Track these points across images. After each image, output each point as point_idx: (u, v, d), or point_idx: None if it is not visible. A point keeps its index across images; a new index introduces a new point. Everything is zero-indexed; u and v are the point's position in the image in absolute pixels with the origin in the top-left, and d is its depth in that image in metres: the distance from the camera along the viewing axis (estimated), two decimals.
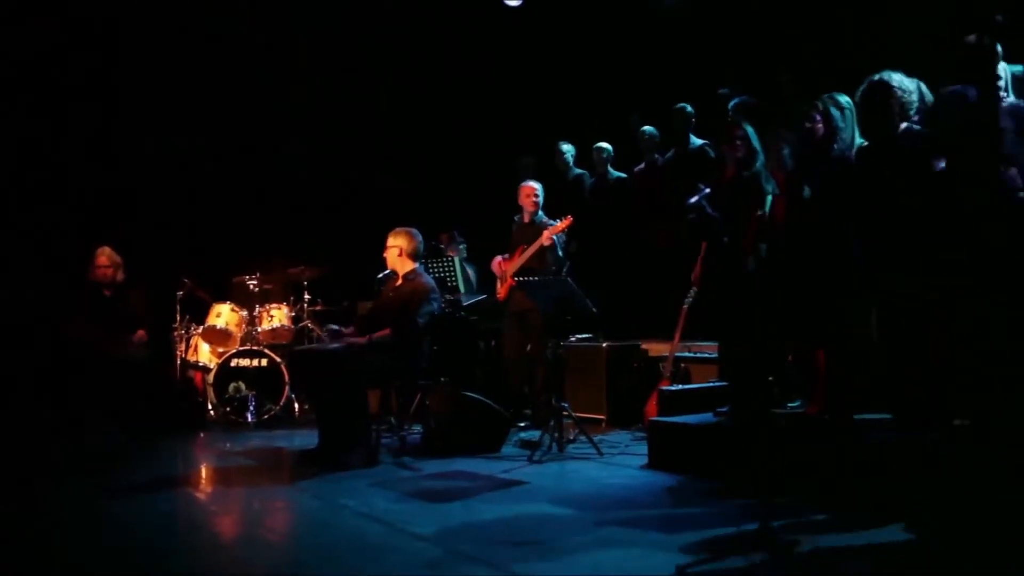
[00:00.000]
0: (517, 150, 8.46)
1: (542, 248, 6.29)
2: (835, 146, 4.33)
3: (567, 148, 7.84)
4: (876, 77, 4.13)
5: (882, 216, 4.09)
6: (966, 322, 3.72)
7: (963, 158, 3.82)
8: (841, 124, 4.32)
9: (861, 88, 4.21)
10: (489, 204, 7.95)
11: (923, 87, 4.25)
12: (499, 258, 6.68)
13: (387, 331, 5.31)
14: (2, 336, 7.41)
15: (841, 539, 3.29)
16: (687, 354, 6.28)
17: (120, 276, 6.73)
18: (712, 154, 6.79)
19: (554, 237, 6.25)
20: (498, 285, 6.71)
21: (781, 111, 5.61)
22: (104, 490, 4.53)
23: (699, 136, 7.18)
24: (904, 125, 4.11)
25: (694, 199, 4.87)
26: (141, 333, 6.66)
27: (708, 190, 4.89)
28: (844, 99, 4.40)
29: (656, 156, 7.42)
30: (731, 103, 6.28)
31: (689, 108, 7.17)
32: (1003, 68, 3.94)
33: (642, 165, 7.52)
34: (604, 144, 7.69)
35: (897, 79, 4.10)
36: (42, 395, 6.87)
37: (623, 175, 7.67)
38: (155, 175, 8.44)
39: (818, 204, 4.33)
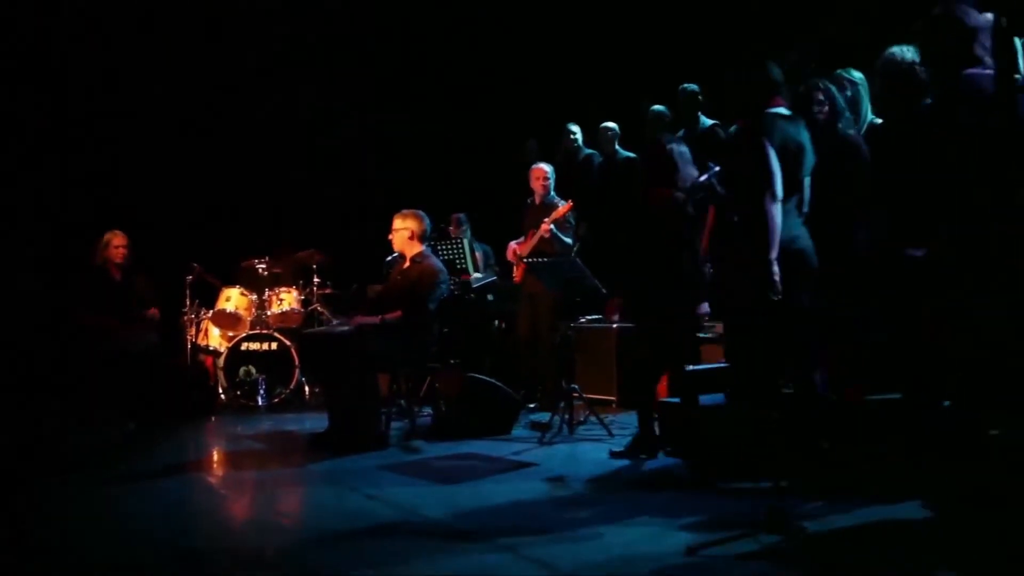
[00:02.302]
0: (525, 133, 8.40)
1: (543, 238, 6.31)
2: (839, 125, 4.24)
3: (575, 128, 7.79)
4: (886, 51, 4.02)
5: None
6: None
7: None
8: (842, 104, 4.22)
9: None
10: (500, 187, 7.90)
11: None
12: (513, 244, 6.69)
13: (398, 313, 5.31)
14: (11, 326, 7.44)
15: (851, 522, 3.26)
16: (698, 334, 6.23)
17: (129, 260, 6.73)
18: (723, 134, 6.70)
19: (552, 227, 6.26)
20: (514, 269, 6.72)
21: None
22: (115, 477, 4.55)
23: (710, 117, 7.07)
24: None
25: (703, 177, 4.81)
26: (154, 311, 6.64)
27: (718, 168, 4.82)
28: (857, 75, 4.31)
29: (664, 135, 7.31)
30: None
31: (695, 87, 7.06)
32: None
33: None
34: (610, 123, 7.62)
35: (910, 55, 3.97)
36: (51, 384, 6.89)
37: (632, 155, 7.59)
38: (163, 160, 8.43)
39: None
